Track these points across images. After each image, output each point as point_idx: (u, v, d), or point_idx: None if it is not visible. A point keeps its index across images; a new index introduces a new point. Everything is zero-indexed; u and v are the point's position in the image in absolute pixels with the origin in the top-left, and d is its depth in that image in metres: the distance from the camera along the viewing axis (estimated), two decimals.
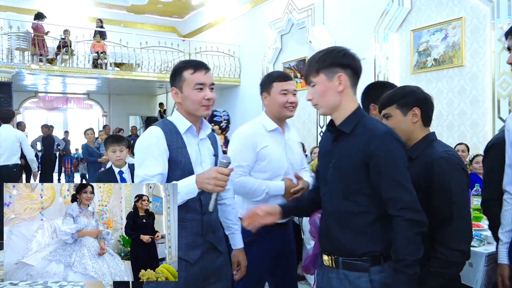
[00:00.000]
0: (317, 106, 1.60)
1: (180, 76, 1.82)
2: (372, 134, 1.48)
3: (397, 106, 1.72)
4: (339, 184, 1.53)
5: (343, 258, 1.52)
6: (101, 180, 3.19)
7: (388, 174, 1.44)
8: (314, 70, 1.57)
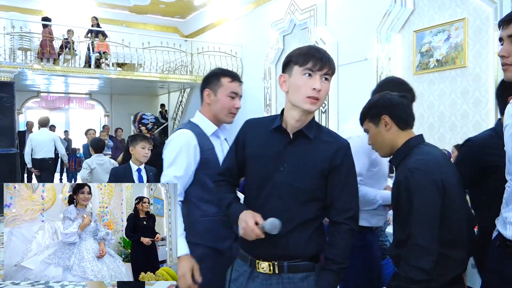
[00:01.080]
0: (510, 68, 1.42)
1: (217, 81, 1.95)
2: (340, 144, 1.50)
3: (369, 120, 1.69)
4: (292, 188, 1.47)
5: (288, 262, 1.48)
6: (117, 174, 3.24)
7: (349, 185, 1.49)
8: None
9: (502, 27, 1.44)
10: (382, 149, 1.70)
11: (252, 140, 1.54)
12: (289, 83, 1.49)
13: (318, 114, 9.10)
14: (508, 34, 1.40)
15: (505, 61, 1.42)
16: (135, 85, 11.99)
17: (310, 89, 1.42)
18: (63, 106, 14.97)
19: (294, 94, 1.46)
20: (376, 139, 1.67)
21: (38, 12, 12.44)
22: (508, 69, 1.42)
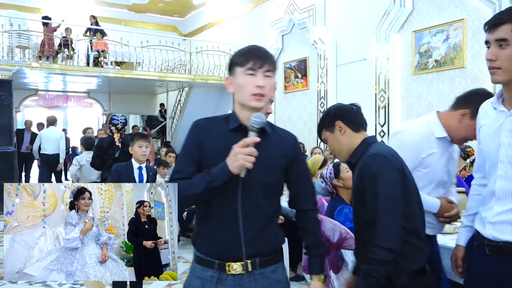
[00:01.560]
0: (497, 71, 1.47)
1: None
2: (293, 137, 1.62)
3: (325, 129, 1.80)
4: (261, 184, 1.49)
5: (260, 258, 1.50)
6: (119, 172, 3.25)
7: (307, 173, 1.66)
8: None
9: (488, 30, 1.48)
10: (341, 153, 1.78)
11: (210, 140, 1.51)
12: (234, 84, 1.51)
13: (317, 114, 9.11)
14: (495, 38, 1.44)
15: (493, 65, 1.46)
16: (133, 84, 11.97)
17: (253, 87, 1.44)
18: (61, 104, 14.93)
19: (240, 93, 1.49)
20: (334, 145, 1.77)
21: (36, 10, 12.40)
22: (495, 72, 1.46)
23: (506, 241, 1.46)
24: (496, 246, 1.49)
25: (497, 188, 1.50)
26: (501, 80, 1.48)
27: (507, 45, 1.43)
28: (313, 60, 9.30)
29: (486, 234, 1.52)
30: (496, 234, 1.49)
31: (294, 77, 9.93)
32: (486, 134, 1.58)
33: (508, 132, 1.47)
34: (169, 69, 12.07)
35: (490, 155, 1.55)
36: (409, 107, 7.30)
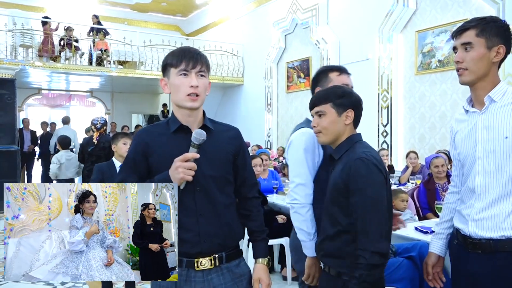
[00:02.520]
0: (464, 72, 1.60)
1: (326, 77, 2.02)
2: (235, 129, 1.69)
3: (332, 105, 1.71)
4: (212, 178, 1.55)
5: (226, 252, 1.58)
6: (101, 172, 3.27)
7: (249, 163, 1.73)
8: None
9: (455, 37, 1.63)
10: (327, 136, 1.73)
11: (154, 146, 1.55)
12: (169, 85, 1.55)
13: None
14: (461, 42, 1.59)
15: (460, 66, 1.59)
16: (136, 83, 11.98)
17: (187, 87, 1.49)
18: (64, 103, 14.94)
19: (175, 94, 1.53)
20: (330, 126, 1.71)
21: (39, 9, 12.43)
22: (463, 73, 1.59)
23: (488, 238, 1.51)
24: (478, 244, 1.54)
25: (477, 184, 1.57)
26: (468, 80, 1.60)
27: (472, 47, 1.57)
28: (316, 60, 9.29)
29: (469, 231, 1.57)
30: (479, 232, 1.54)
31: (296, 77, 9.92)
32: (461, 138, 1.68)
33: (482, 130, 1.58)
34: None
35: (467, 155, 1.63)
36: (412, 107, 7.28)
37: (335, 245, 1.64)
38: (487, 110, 1.58)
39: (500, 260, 1.50)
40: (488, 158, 1.55)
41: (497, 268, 1.50)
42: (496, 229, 1.51)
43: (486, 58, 1.57)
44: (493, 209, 1.53)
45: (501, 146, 1.53)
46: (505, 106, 1.55)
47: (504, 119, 1.54)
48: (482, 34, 1.57)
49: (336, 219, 1.63)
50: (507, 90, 1.58)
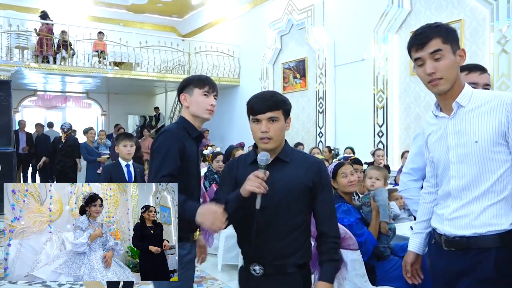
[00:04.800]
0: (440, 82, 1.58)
1: None
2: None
3: (282, 112, 1.70)
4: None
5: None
6: (109, 172, 3.41)
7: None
8: None
9: (418, 49, 1.59)
10: (276, 143, 1.69)
11: (184, 147, 1.97)
12: (191, 100, 2.05)
13: (315, 114, 9.13)
14: (429, 52, 1.56)
15: (434, 77, 1.56)
16: (132, 84, 11.97)
17: (208, 105, 2.05)
18: (60, 105, 14.90)
19: (196, 108, 2.04)
20: (278, 132, 1.67)
21: (35, 10, 12.37)
22: (438, 83, 1.57)
23: (461, 236, 1.57)
24: (453, 241, 1.60)
25: (452, 188, 1.61)
26: (445, 88, 1.58)
27: (442, 55, 1.55)
28: (311, 60, 9.32)
29: (444, 230, 1.63)
30: (453, 230, 1.60)
31: (292, 77, 9.95)
32: (433, 141, 1.71)
33: (453, 135, 1.60)
34: (168, 69, 12.08)
35: (440, 160, 1.67)
36: (407, 108, 7.33)
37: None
38: (456, 116, 1.59)
39: (473, 257, 1.55)
40: (461, 163, 1.58)
41: (471, 264, 1.55)
42: (468, 227, 1.56)
43: (455, 64, 1.57)
44: (466, 209, 1.58)
45: (472, 150, 1.55)
46: (473, 111, 1.56)
47: (472, 124, 1.55)
48: (447, 40, 1.56)
49: (297, 217, 1.69)
50: (472, 93, 1.59)
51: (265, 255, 1.63)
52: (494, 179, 1.54)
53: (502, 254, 1.51)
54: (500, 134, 1.51)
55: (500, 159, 1.53)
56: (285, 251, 1.64)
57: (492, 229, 1.53)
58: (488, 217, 1.54)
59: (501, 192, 1.54)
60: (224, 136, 11.99)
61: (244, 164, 1.73)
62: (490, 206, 1.54)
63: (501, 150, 1.53)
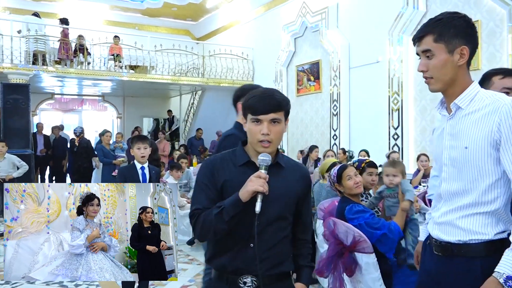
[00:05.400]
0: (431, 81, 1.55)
1: (488, 81, 1.91)
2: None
3: (284, 113, 1.60)
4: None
5: None
6: (124, 174, 3.45)
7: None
8: None
9: (415, 44, 1.56)
10: (275, 147, 1.58)
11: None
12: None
13: (330, 117, 9.07)
14: (421, 50, 1.52)
15: (425, 75, 1.53)
16: (147, 87, 12.08)
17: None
18: (76, 108, 15.13)
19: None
20: (279, 135, 1.56)
21: (53, 15, 12.62)
22: (429, 82, 1.53)
23: (447, 241, 1.53)
24: (440, 246, 1.57)
25: (443, 191, 1.58)
26: (436, 88, 1.54)
27: (432, 55, 1.50)
28: (325, 62, 9.26)
29: (433, 234, 1.61)
30: (440, 235, 1.57)
31: (306, 80, 9.90)
32: (435, 137, 1.67)
33: (448, 136, 1.55)
34: (182, 72, 12.15)
35: (437, 159, 1.65)
36: (423, 110, 7.21)
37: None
38: (454, 117, 1.53)
39: (459, 265, 1.51)
40: (452, 166, 1.54)
41: (455, 272, 1.51)
42: (453, 234, 1.52)
43: (449, 63, 1.48)
44: (454, 214, 1.53)
45: (462, 155, 1.49)
46: (470, 115, 1.49)
47: (466, 129, 1.49)
48: (440, 39, 1.48)
49: (288, 225, 1.63)
50: (476, 95, 1.50)
51: (258, 265, 1.47)
52: (483, 190, 1.47)
53: (488, 264, 1.44)
54: (490, 144, 1.44)
55: (490, 169, 1.46)
56: (279, 260, 1.55)
57: (476, 237, 1.48)
58: (473, 226, 1.49)
59: (490, 204, 1.47)
60: None
61: (232, 165, 1.56)
62: (476, 215, 1.49)
63: (491, 160, 1.45)
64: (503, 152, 1.42)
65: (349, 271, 2.61)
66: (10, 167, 6.27)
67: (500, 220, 1.48)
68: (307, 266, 1.67)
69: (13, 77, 9.17)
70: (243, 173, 1.50)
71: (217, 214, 1.44)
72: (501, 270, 1.37)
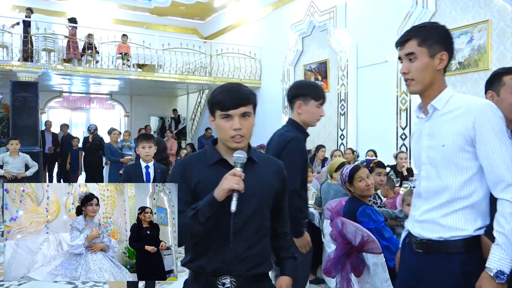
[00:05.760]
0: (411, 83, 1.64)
1: (499, 81, 1.95)
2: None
3: (253, 107, 1.59)
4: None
5: None
6: (129, 173, 3.43)
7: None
8: None
9: (398, 48, 1.66)
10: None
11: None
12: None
13: (337, 116, 9.03)
14: (405, 53, 1.62)
15: (407, 77, 1.62)
16: (154, 86, 12.12)
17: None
18: (84, 106, 15.23)
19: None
20: (251, 130, 1.57)
21: (61, 14, 12.70)
22: (410, 83, 1.62)
23: (428, 239, 1.59)
24: (420, 243, 1.63)
25: (422, 189, 1.65)
26: (416, 90, 1.63)
27: (415, 58, 1.59)
28: (333, 62, 9.22)
29: (413, 232, 1.67)
30: (421, 232, 1.62)
31: (314, 79, 9.86)
32: (413, 141, 1.77)
33: (426, 136, 1.64)
34: (189, 71, 12.17)
35: (416, 160, 1.72)
36: None
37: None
38: (431, 118, 1.63)
39: (438, 261, 1.57)
40: (430, 165, 1.61)
41: (435, 268, 1.58)
42: (434, 231, 1.58)
43: (430, 67, 1.59)
44: (434, 212, 1.59)
45: (439, 154, 1.57)
46: (446, 115, 1.58)
47: (442, 128, 1.58)
48: (423, 43, 1.58)
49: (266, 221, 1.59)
50: (451, 97, 1.60)
51: (238, 266, 1.46)
52: (460, 185, 1.55)
53: (466, 260, 1.53)
54: (466, 141, 1.53)
55: (466, 166, 1.54)
56: (258, 260, 1.52)
57: (457, 234, 1.55)
58: (454, 222, 1.56)
59: (467, 198, 1.55)
60: None
61: (202, 165, 1.52)
62: (456, 211, 1.56)
63: (467, 156, 1.54)
64: (479, 148, 1.51)
65: (357, 272, 2.60)
66: (23, 166, 6.33)
67: (479, 214, 1.55)
68: (289, 258, 1.67)
69: (22, 75, 9.24)
70: (217, 172, 1.46)
71: (193, 216, 1.39)
72: (491, 265, 1.46)
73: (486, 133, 1.49)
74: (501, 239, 1.46)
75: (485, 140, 1.49)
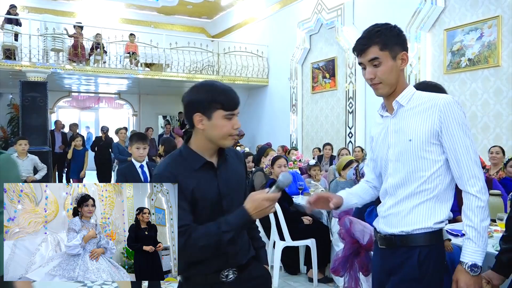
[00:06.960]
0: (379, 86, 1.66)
1: None
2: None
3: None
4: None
5: None
6: (124, 174, 3.39)
7: None
8: None
9: (359, 55, 1.68)
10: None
11: None
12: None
13: (345, 114, 8.97)
14: (368, 59, 1.63)
15: (374, 82, 1.64)
16: (162, 85, 12.14)
17: None
18: (93, 105, 15.32)
19: None
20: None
21: (70, 14, 12.79)
22: (378, 87, 1.65)
23: (391, 234, 1.64)
24: (384, 239, 1.67)
25: (388, 186, 1.68)
26: (385, 92, 1.66)
27: (380, 62, 1.62)
28: (341, 60, 9.16)
29: (379, 228, 1.72)
30: (385, 228, 1.67)
31: (322, 77, 9.81)
32: (376, 142, 1.77)
33: (393, 133, 1.67)
34: (197, 70, 12.18)
35: (382, 159, 1.73)
36: None
37: None
38: (396, 115, 1.66)
39: (400, 255, 1.61)
40: (398, 161, 1.64)
41: (398, 263, 1.61)
42: (397, 225, 1.62)
43: (395, 68, 1.62)
44: (398, 207, 1.64)
45: (406, 148, 1.61)
46: (410, 110, 1.62)
47: (408, 123, 1.61)
48: (385, 47, 1.61)
49: None
50: (414, 94, 1.64)
51: (236, 258, 1.57)
52: (425, 178, 1.58)
53: (425, 253, 1.57)
54: (433, 134, 1.57)
55: (432, 159, 1.58)
56: (247, 246, 1.65)
57: (418, 227, 1.58)
58: (416, 216, 1.59)
59: (431, 191, 1.59)
60: (253, 136, 11.99)
61: (188, 171, 1.48)
62: (419, 204, 1.59)
63: (433, 149, 1.58)
64: (445, 141, 1.55)
65: (365, 270, 2.59)
66: (32, 168, 6.18)
67: (441, 206, 1.60)
68: (262, 247, 1.77)
69: (31, 75, 9.32)
70: (205, 177, 1.50)
71: (230, 239, 1.44)
72: (465, 259, 1.53)
73: (451, 126, 1.54)
74: (472, 232, 1.52)
75: (451, 133, 1.54)
